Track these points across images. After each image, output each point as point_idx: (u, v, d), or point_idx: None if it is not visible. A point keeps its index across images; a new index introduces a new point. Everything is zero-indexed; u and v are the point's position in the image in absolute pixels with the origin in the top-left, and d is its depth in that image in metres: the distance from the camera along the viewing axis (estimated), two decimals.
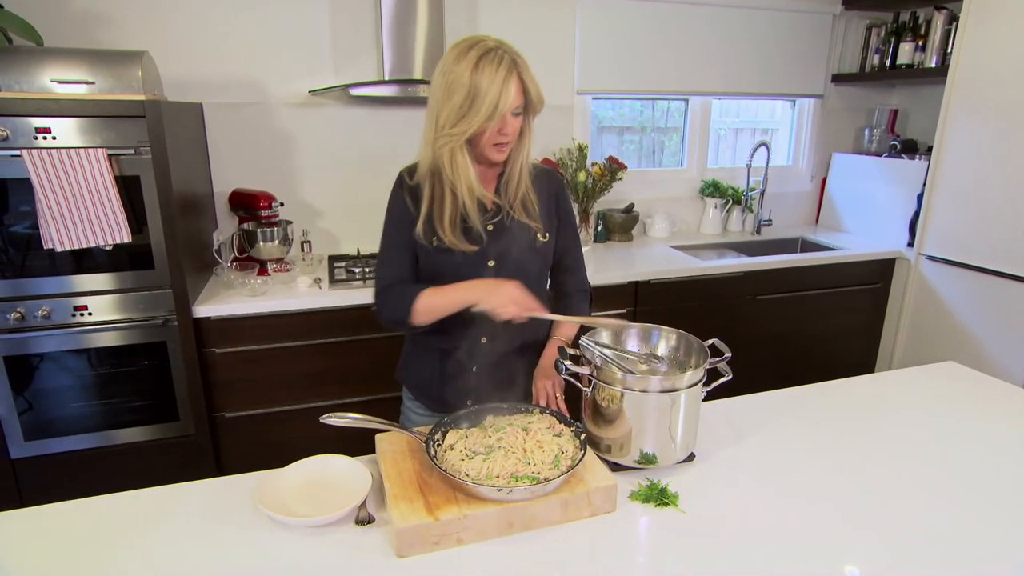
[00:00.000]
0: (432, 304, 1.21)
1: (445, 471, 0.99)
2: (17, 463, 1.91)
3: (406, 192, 1.27)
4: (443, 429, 1.13)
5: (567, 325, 1.38)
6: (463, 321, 1.24)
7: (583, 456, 1.05)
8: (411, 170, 1.28)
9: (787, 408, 1.42)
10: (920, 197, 2.75)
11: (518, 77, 1.14)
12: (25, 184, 1.68)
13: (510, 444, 1.06)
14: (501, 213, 1.28)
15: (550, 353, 1.34)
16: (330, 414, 1.07)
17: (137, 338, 1.92)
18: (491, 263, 1.27)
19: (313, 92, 2.41)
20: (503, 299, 1.15)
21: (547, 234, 1.33)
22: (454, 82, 1.12)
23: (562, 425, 1.15)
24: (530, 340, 1.36)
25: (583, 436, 1.12)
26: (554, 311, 1.33)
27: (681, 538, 0.99)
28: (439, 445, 1.10)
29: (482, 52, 1.12)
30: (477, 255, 1.26)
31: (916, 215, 2.78)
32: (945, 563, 0.94)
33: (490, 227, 1.27)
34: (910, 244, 2.81)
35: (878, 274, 2.86)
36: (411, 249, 1.28)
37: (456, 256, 1.24)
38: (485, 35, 1.17)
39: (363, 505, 1.04)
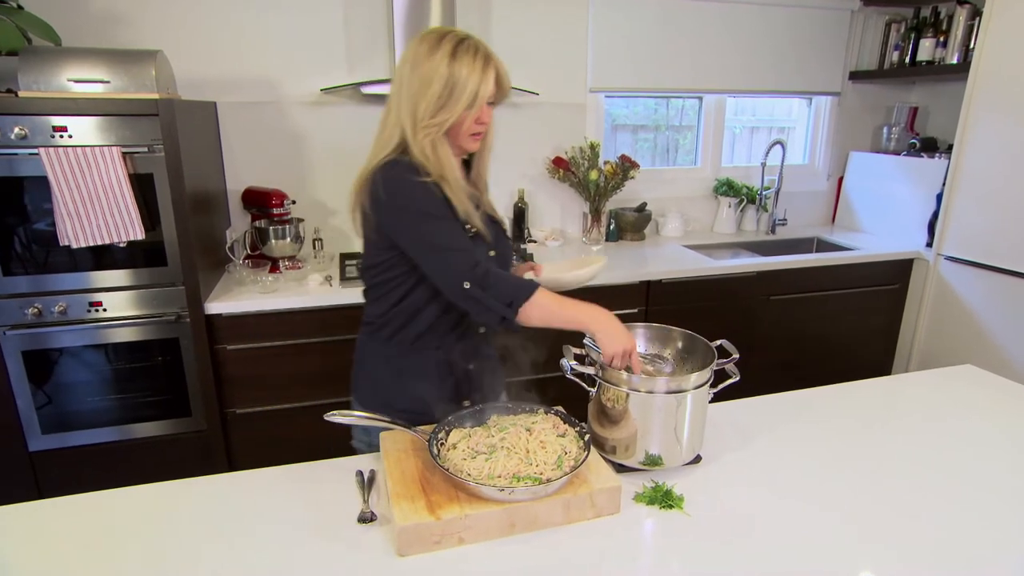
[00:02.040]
0: (550, 305, 1.11)
1: (447, 470, 0.99)
2: (35, 456, 1.94)
3: (433, 184, 1.17)
4: (447, 428, 1.13)
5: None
6: (453, 308, 1.22)
7: (586, 457, 1.05)
8: (411, 164, 1.17)
9: (797, 410, 1.40)
10: (939, 196, 2.70)
11: (494, 67, 1.15)
12: (43, 182, 1.71)
13: (513, 444, 1.05)
14: (481, 205, 1.26)
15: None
16: (334, 412, 1.07)
17: (150, 334, 1.94)
18: (492, 252, 1.25)
19: (325, 90, 2.42)
20: (620, 340, 1.08)
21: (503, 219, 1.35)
22: (430, 73, 1.11)
23: (566, 425, 1.14)
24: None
25: (587, 437, 1.11)
26: None
27: (686, 541, 0.98)
28: (442, 444, 1.10)
29: (455, 42, 1.11)
30: (482, 246, 1.24)
31: (935, 215, 2.73)
32: (960, 569, 0.92)
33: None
34: (929, 244, 2.76)
35: (896, 275, 2.81)
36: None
37: (477, 246, 1.21)
38: (449, 26, 1.18)
39: (366, 503, 1.04)
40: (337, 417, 1.07)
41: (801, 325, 2.72)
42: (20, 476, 1.94)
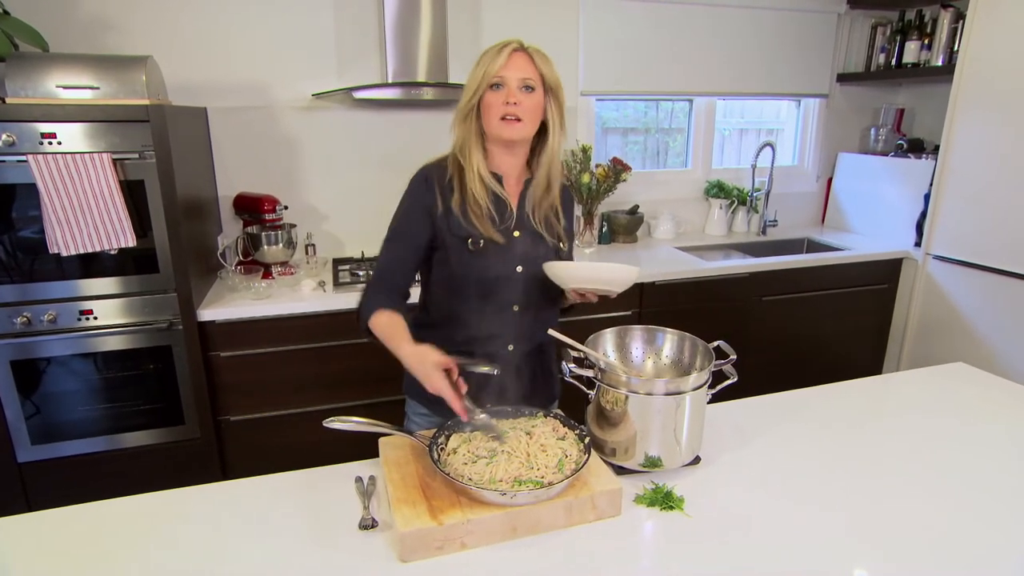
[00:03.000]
0: (380, 330, 1.19)
1: (448, 475, 0.99)
2: (24, 467, 1.91)
3: (436, 185, 1.23)
4: (446, 433, 1.13)
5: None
6: (480, 326, 1.25)
7: (587, 460, 1.05)
8: (437, 165, 1.26)
9: (794, 410, 1.41)
10: (927, 197, 2.73)
11: (524, 53, 1.18)
12: (31, 189, 1.69)
13: (513, 448, 1.05)
14: (529, 222, 1.27)
15: None
16: (333, 418, 1.07)
17: (142, 342, 1.92)
18: (519, 268, 1.25)
19: (317, 95, 2.41)
20: (422, 373, 1.08)
21: (567, 243, 1.34)
22: (472, 71, 1.20)
23: (566, 428, 1.14)
24: (549, 340, 1.36)
25: (587, 440, 1.11)
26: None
27: (688, 543, 0.98)
28: (442, 449, 1.09)
29: (496, 44, 1.19)
30: (506, 260, 1.24)
31: (923, 215, 2.76)
32: (955, 567, 0.93)
33: (516, 233, 1.26)
34: (917, 244, 2.79)
35: (885, 274, 2.84)
36: (416, 245, 1.25)
37: (487, 260, 1.23)
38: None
39: (367, 509, 1.03)
40: (336, 423, 1.07)
41: (792, 325, 2.74)
42: (8, 488, 1.91)
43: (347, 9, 2.41)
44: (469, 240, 1.22)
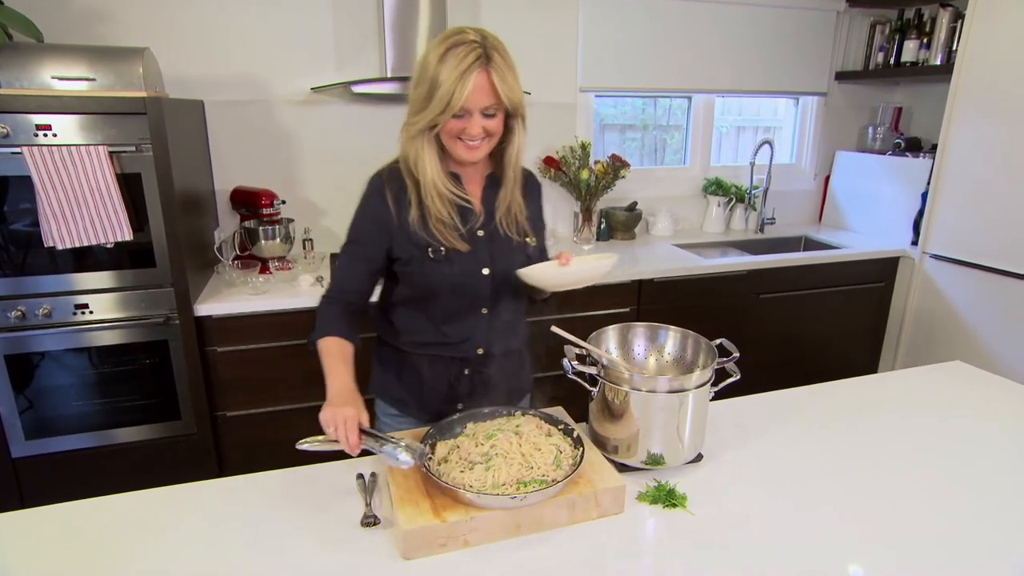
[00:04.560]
0: (324, 356, 1.19)
1: (447, 484, 0.96)
2: (18, 462, 1.90)
3: (390, 196, 1.18)
4: (430, 441, 1.09)
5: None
6: (447, 331, 1.23)
7: (583, 452, 1.05)
8: (391, 172, 1.20)
9: (794, 408, 1.41)
10: (924, 195, 2.74)
11: (486, 75, 1.07)
12: (26, 181, 1.67)
13: (506, 450, 1.03)
14: (493, 220, 1.23)
15: None
16: (305, 440, 1.01)
17: (138, 336, 1.90)
18: (485, 271, 1.21)
19: (315, 89, 2.39)
20: (332, 420, 1.02)
21: (535, 237, 1.29)
22: (422, 71, 1.10)
23: (549, 425, 1.14)
24: (523, 341, 1.37)
25: (575, 433, 1.11)
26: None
27: (691, 540, 0.98)
28: (430, 459, 1.06)
29: (452, 44, 1.06)
30: (471, 265, 1.20)
31: (920, 213, 2.77)
32: (954, 565, 0.93)
33: (480, 233, 1.22)
34: (914, 243, 2.80)
35: (882, 273, 2.85)
36: (371, 257, 1.21)
37: (452, 266, 1.19)
38: (474, 27, 1.10)
39: (368, 506, 1.03)
40: (306, 445, 1.01)
41: (790, 323, 2.75)
42: (2, 484, 1.89)
43: (346, 3, 2.39)
44: (429, 249, 1.17)
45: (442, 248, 1.17)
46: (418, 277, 1.20)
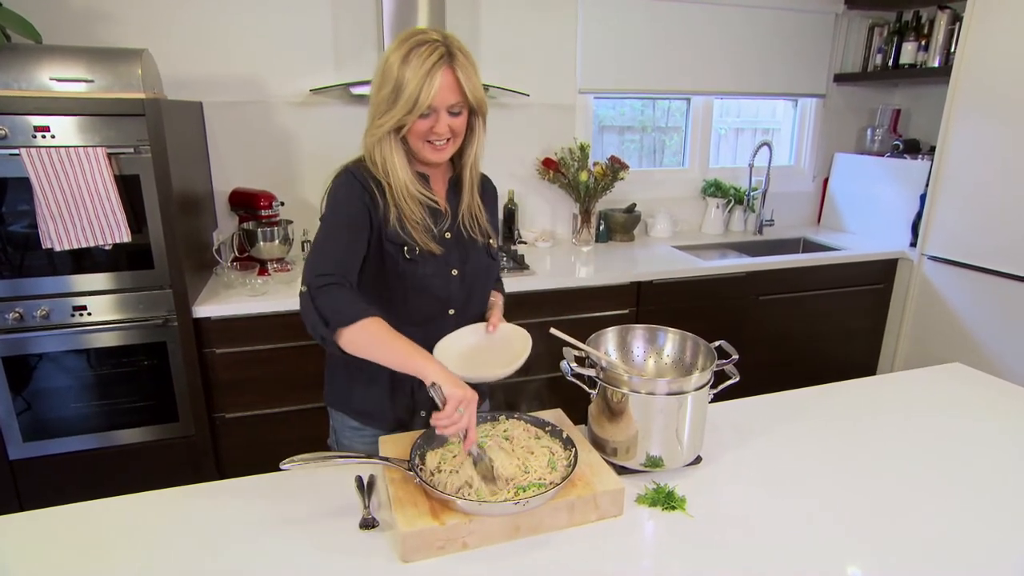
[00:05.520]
0: (381, 337, 1.01)
1: (449, 496, 0.95)
2: (16, 464, 1.89)
3: (371, 189, 1.15)
4: (419, 452, 1.07)
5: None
6: (415, 330, 1.14)
7: (576, 452, 1.05)
8: (363, 170, 1.17)
9: (793, 410, 1.41)
10: (923, 197, 2.75)
11: (451, 73, 1.08)
12: (24, 183, 1.66)
13: (500, 457, 1.03)
14: (459, 222, 1.23)
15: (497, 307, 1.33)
16: (290, 459, 0.96)
17: (137, 338, 1.90)
18: (454, 272, 1.22)
19: (314, 91, 2.39)
20: (463, 387, 0.97)
21: (493, 239, 1.30)
22: (386, 72, 1.09)
23: (536, 428, 1.14)
24: None
25: (564, 434, 1.11)
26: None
27: (690, 543, 0.98)
28: (421, 470, 1.04)
29: (415, 44, 1.07)
30: (441, 265, 1.20)
31: (919, 215, 2.77)
32: (953, 566, 0.93)
33: (447, 235, 1.22)
34: (913, 244, 2.80)
35: (881, 275, 2.85)
36: (363, 239, 1.14)
37: (425, 267, 1.18)
38: (432, 28, 1.12)
39: (367, 509, 1.02)
40: (287, 464, 0.96)
41: (788, 324, 2.75)
42: (0, 486, 1.89)
43: (345, 4, 2.39)
44: (405, 248, 1.16)
45: (417, 248, 1.17)
46: (390, 274, 1.18)
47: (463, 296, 1.25)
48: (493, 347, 1.24)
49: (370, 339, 1.02)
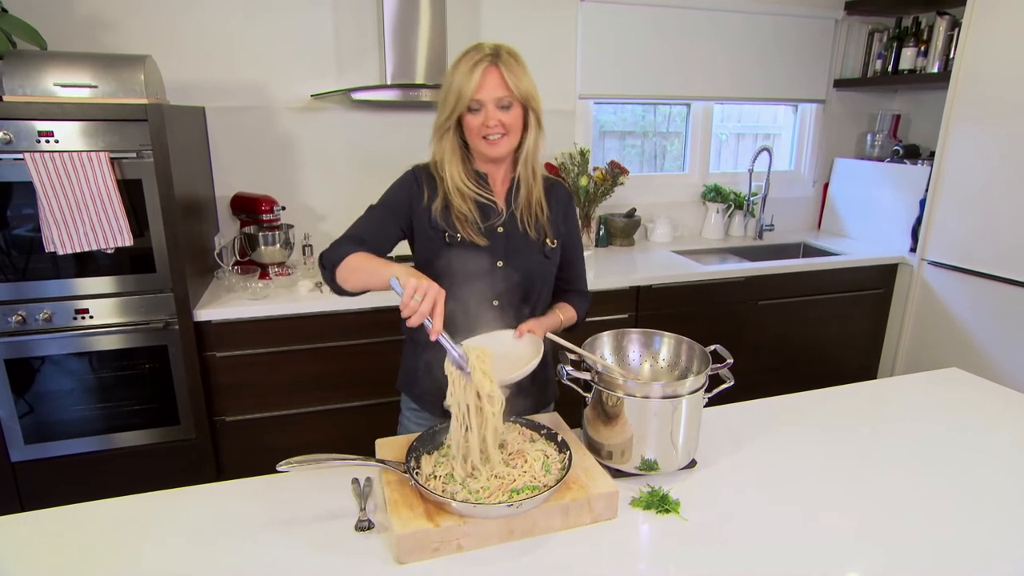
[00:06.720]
0: (358, 264, 1.13)
1: (443, 499, 0.95)
2: (17, 466, 1.90)
3: (423, 182, 1.27)
4: (415, 455, 1.08)
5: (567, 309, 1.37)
6: (456, 319, 1.22)
7: (570, 455, 1.06)
8: (426, 167, 1.30)
9: (789, 414, 1.41)
10: (923, 202, 2.75)
11: (496, 70, 1.17)
12: (28, 187, 1.68)
13: (495, 462, 1.04)
14: (515, 218, 1.29)
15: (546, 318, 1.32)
16: (287, 461, 0.98)
17: (138, 341, 1.91)
18: (499, 263, 1.27)
19: (315, 96, 2.41)
20: (423, 289, 0.98)
21: (555, 240, 1.33)
22: (444, 81, 1.22)
23: (531, 431, 1.15)
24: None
25: (558, 437, 1.12)
26: (552, 306, 1.37)
27: (683, 546, 0.98)
28: (417, 473, 1.04)
29: (466, 51, 1.19)
30: (486, 257, 1.26)
31: (919, 220, 2.77)
32: (950, 570, 0.93)
33: (500, 229, 1.28)
34: (912, 249, 2.80)
35: (881, 280, 2.85)
36: (388, 233, 1.26)
37: (466, 253, 1.25)
38: (493, 41, 1.21)
39: (363, 511, 1.03)
40: (283, 466, 0.98)
41: (788, 329, 2.75)
42: (1, 488, 1.90)
43: (346, 10, 2.41)
44: (446, 234, 1.24)
45: (458, 235, 1.24)
46: (432, 257, 1.26)
47: (508, 290, 1.28)
48: (508, 355, 1.21)
49: (353, 268, 1.14)
